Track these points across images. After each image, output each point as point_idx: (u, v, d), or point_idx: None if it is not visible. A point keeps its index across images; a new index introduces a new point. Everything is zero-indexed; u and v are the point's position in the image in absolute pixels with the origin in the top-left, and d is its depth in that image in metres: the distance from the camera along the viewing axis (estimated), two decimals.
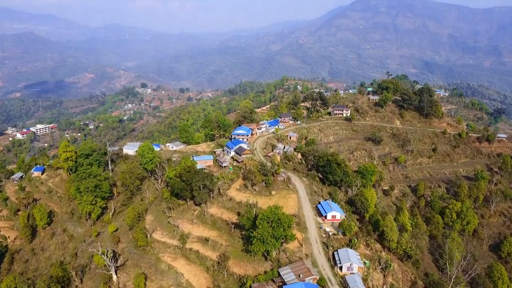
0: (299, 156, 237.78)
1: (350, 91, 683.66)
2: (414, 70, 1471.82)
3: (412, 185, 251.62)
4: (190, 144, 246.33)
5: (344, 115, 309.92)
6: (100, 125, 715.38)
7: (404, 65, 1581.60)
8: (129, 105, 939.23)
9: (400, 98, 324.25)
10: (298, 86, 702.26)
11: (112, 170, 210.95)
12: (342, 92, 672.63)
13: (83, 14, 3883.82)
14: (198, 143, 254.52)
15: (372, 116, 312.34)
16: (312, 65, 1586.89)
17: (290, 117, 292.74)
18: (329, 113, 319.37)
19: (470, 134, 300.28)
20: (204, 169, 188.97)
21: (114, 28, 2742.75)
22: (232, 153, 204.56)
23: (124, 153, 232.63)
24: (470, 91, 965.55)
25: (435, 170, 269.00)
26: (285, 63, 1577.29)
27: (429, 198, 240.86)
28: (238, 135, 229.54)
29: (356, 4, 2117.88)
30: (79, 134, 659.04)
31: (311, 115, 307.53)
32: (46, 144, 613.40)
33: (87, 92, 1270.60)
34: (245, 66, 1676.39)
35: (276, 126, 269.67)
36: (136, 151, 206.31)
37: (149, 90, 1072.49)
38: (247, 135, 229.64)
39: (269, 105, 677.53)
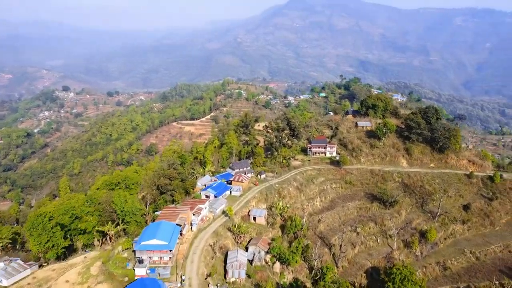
0: (277, 267, 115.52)
1: (302, 97, 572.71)
2: (351, 69, 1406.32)
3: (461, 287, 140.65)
4: (47, 264, 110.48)
5: (328, 154, 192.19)
6: (0, 142, 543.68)
7: (340, 63, 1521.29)
8: (46, 113, 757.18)
9: (402, 126, 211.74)
10: (242, 92, 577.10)
11: None
12: (293, 99, 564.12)
13: (3, 8, 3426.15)
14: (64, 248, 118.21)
15: (369, 155, 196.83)
16: (251, 64, 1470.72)
17: (248, 167, 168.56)
18: (304, 151, 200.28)
19: (504, 177, 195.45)
20: None
21: (38, 25, 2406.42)
22: None
23: None
24: (407, 91, 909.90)
25: (479, 246, 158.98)
26: (224, 63, 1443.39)
27: None
28: (150, 250, 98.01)
29: (292, 2, 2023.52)
30: None
31: (276, 155, 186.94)
32: None
33: (3, 95, 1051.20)
34: (182, 65, 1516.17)
35: (227, 192, 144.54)
36: None
37: (71, 94, 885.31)
38: (170, 250, 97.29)
39: (209, 116, 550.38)
